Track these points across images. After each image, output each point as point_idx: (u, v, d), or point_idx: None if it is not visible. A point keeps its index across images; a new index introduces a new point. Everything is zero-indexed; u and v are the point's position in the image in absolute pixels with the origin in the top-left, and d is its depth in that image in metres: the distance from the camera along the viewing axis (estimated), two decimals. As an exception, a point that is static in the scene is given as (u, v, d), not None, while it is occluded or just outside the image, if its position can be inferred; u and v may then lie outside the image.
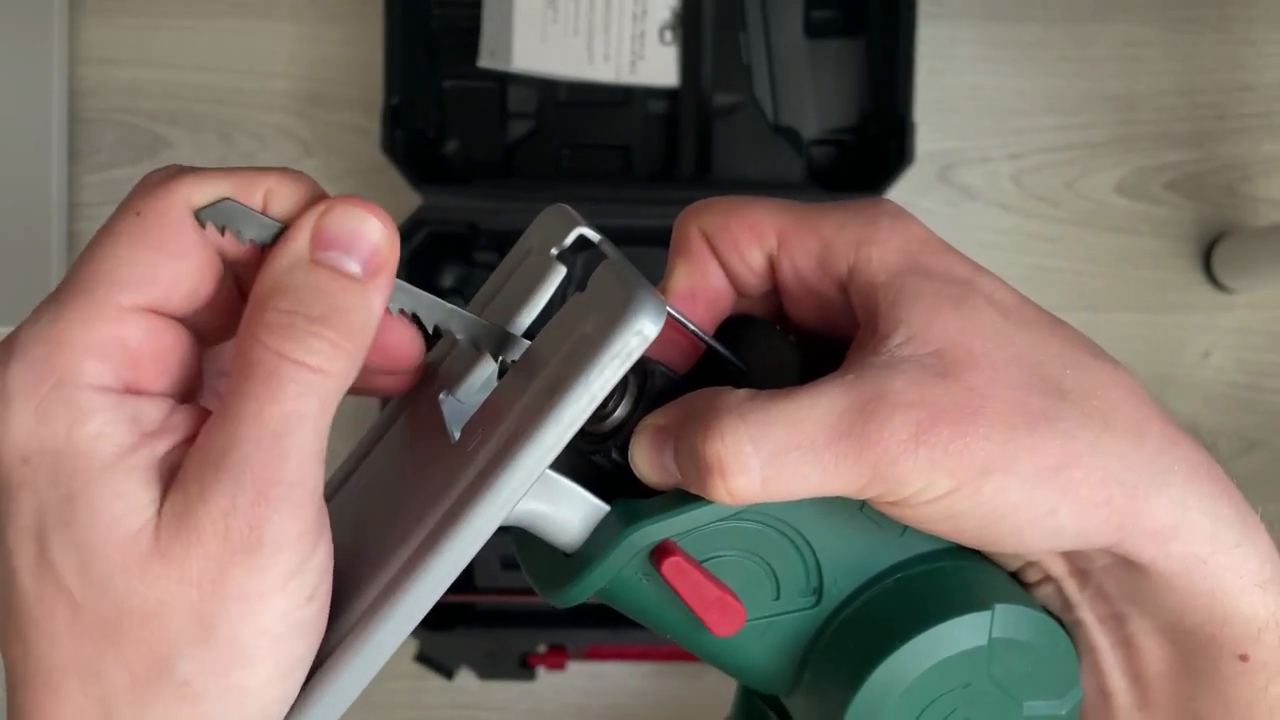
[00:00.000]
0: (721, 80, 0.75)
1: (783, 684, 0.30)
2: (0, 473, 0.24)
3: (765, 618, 0.28)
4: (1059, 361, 0.27)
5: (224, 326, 0.27)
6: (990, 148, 0.80)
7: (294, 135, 0.78)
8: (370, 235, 0.25)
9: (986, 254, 0.79)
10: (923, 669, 0.27)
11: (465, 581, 0.75)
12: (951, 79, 0.79)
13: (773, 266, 0.29)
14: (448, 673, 0.72)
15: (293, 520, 0.24)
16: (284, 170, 0.26)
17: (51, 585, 0.24)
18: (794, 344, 0.28)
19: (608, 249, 0.27)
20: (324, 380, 0.24)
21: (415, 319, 0.26)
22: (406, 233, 0.70)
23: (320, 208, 0.25)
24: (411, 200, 0.72)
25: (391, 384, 0.28)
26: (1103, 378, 0.27)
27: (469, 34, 0.75)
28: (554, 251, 0.28)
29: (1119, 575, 0.27)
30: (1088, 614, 0.29)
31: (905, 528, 0.28)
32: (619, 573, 0.27)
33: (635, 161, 0.76)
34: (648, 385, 0.27)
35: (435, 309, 0.26)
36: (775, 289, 0.29)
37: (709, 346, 0.28)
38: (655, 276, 0.29)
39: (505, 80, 0.76)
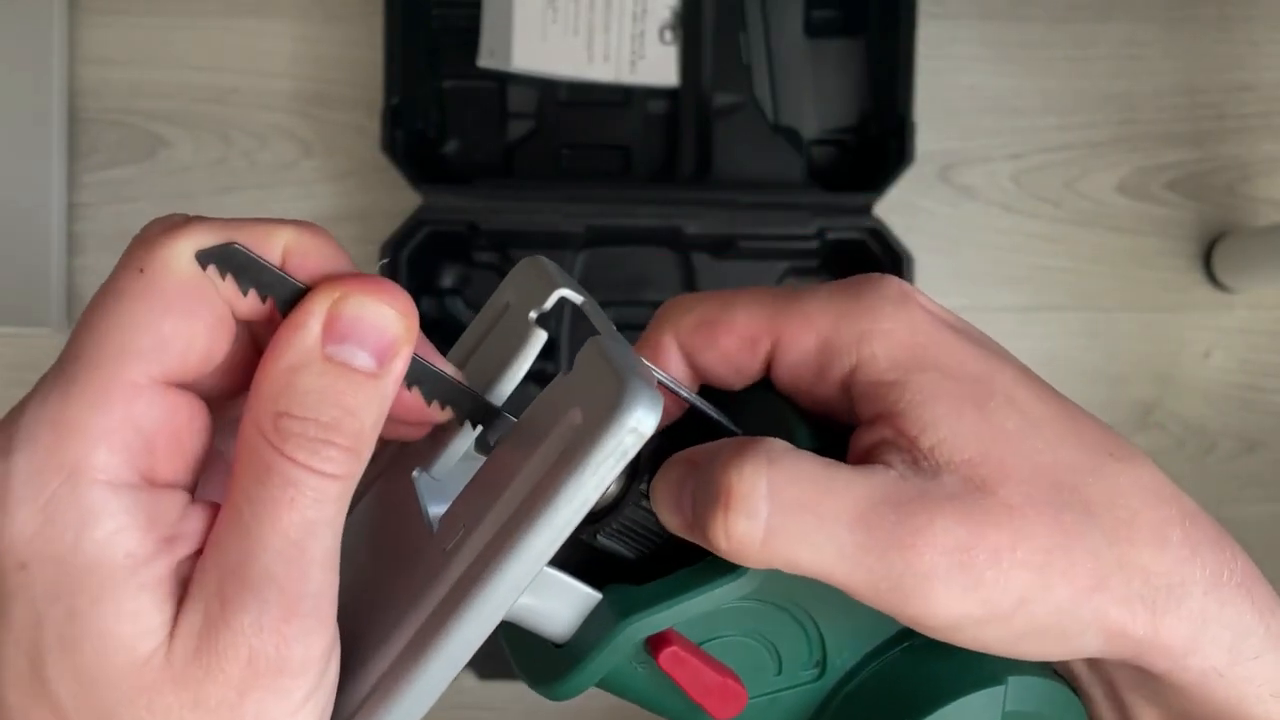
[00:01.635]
0: (721, 80, 0.75)
1: None
2: None
3: (768, 694, 0.27)
4: (1081, 469, 0.25)
5: (236, 387, 0.25)
6: (990, 147, 0.80)
7: (294, 135, 0.78)
8: (388, 328, 0.23)
9: (987, 254, 0.79)
10: None
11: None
12: (952, 79, 0.79)
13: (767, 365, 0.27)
14: (448, 673, 0.72)
15: (319, 637, 0.22)
16: (300, 224, 0.24)
17: (44, 709, 0.21)
18: (795, 408, 0.27)
19: (592, 312, 0.25)
20: (337, 484, 0.22)
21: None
22: (406, 233, 0.70)
23: (335, 292, 0.22)
24: (411, 200, 0.72)
25: (410, 433, 0.26)
26: (1124, 483, 0.25)
27: (469, 34, 0.75)
28: (533, 315, 0.25)
29: (1131, 674, 0.27)
30: (1096, 691, 0.28)
31: None
32: (616, 666, 0.25)
33: (635, 161, 0.76)
34: (640, 461, 0.26)
35: (414, 368, 0.24)
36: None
37: (707, 414, 0.27)
38: (655, 276, 0.29)
39: (505, 80, 0.76)
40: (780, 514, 0.23)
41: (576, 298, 0.25)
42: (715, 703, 0.25)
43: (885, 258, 0.72)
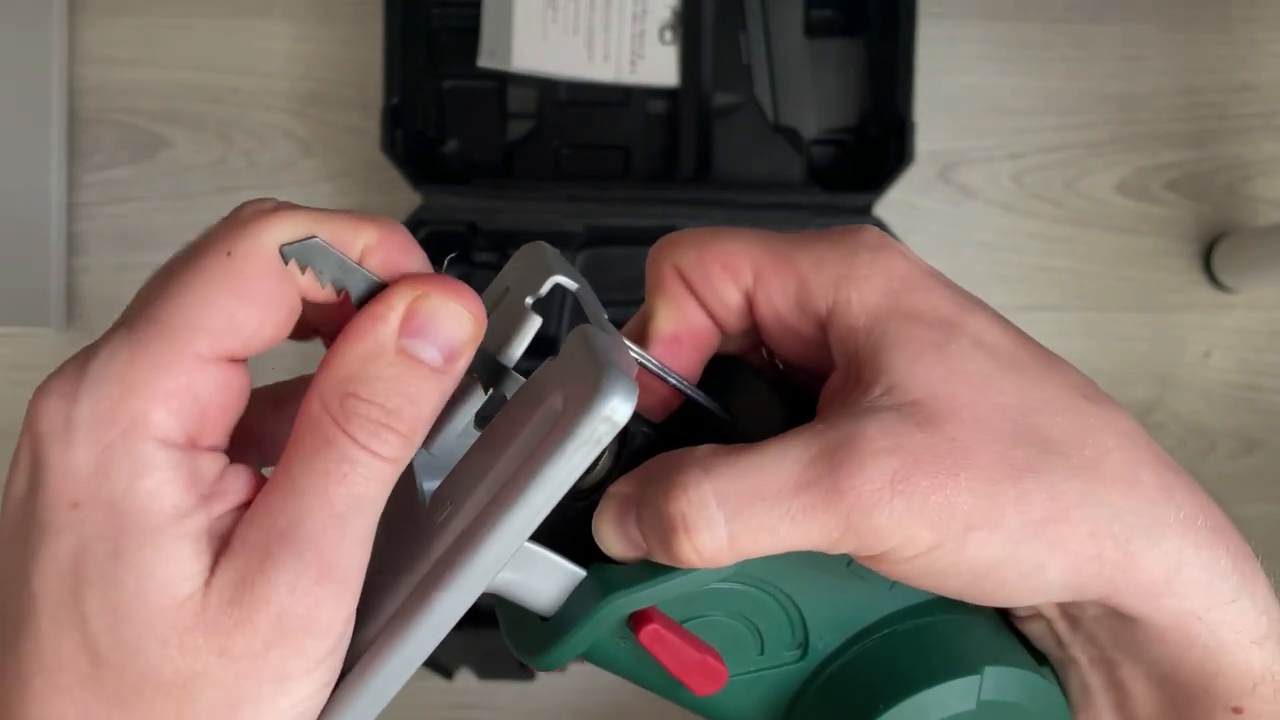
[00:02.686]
0: (721, 80, 0.75)
1: None
2: (44, 510, 0.23)
3: (750, 673, 0.28)
4: (1050, 408, 0.25)
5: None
6: (990, 147, 0.80)
7: (293, 135, 0.78)
8: (459, 329, 0.24)
9: (986, 254, 0.79)
10: None
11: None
12: (952, 79, 0.79)
13: (750, 304, 0.28)
14: (447, 672, 0.72)
15: (345, 604, 0.24)
16: (385, 223, 0.25)
17: (75, 637, 0.23)
18: (776, 390, 0.27)
19: (585, 299, 0.26)
20: (390, 467, 0.24)
21: None
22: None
23: (416, 290, 0.24)
24: (411, 200, 0.72)
25: None
26: (1095, 423, 0.26)
27: (469, 34, 0.75)
28: (529, 301, 0.26)
29: (1110, 624, 0.27)
30: (1080, 654, 0.28)
31: (894, 582, 0.26)
32: (599, 639, 0.26)
33: (635, 161, 0.76)
34: (627, 444, 0.26)
35: None
36: (755, 326, 0.28)
37: (694, 399, 0.27)
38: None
39: (505, 80, 0.76)
40: (735, 516, 0.24)
41: (571, 284, 0.26)
42: (695, 679, 0.26)
43: (885, 258, 0.72)
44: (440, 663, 0.71)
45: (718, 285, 0.28)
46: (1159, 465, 0.26)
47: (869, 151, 0.76)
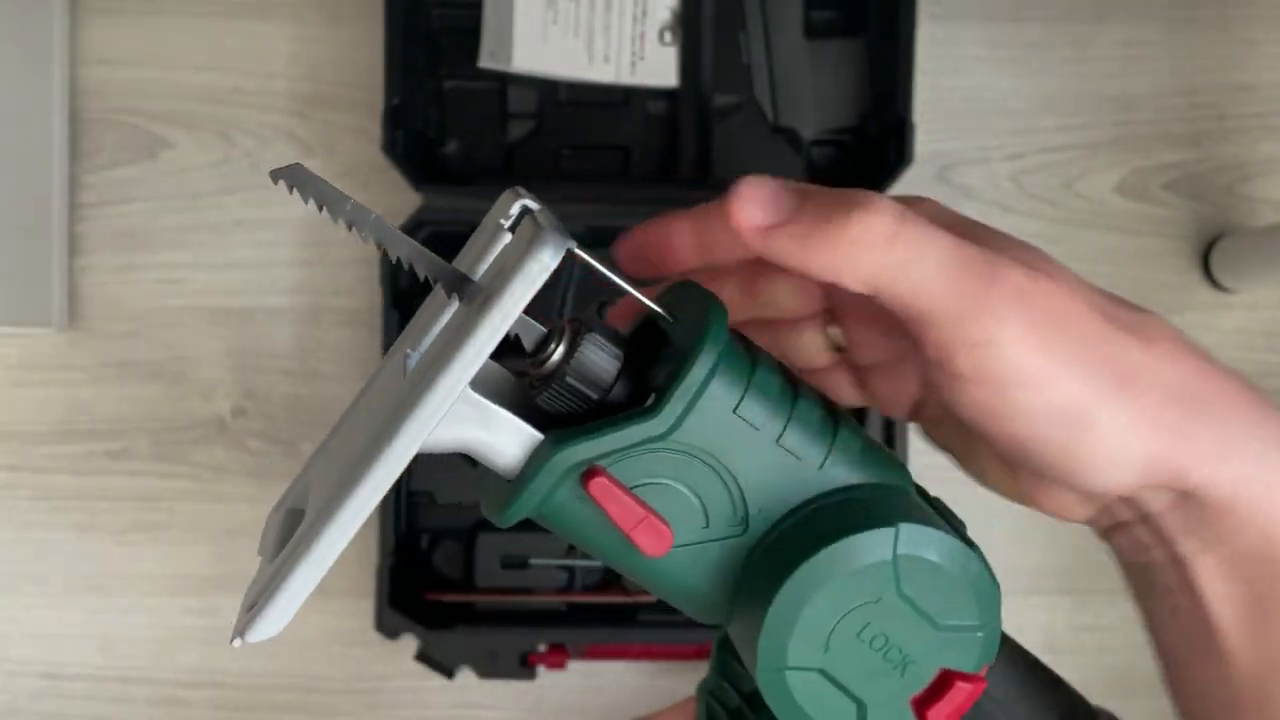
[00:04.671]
0: (721, 81, 0.75)
1: (720, 612, 0.32)
2: None
3: (696, 544, 0.31)
4: (1120, 307, 0.30)
5: None
6: (989, 148, 0.80)
7: (294, 136, 0.78)
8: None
9: (986, 254, 0.80)
10: (829, 583, 0.29)
11: (465, 581, 0.75)
12: (951, 80, 0.80)
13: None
14: (448, 672, 0.72)
15: None
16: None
17: None
18: (720, 302, 0.30)
19: (542, 214, 0.30)
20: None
21: (381, 249, 0.30)
22: (407, 233, 0.70)
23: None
24: (411, 200, 0.73)
25: None
26: (1150, 320, 0.30)
27: (469, 34, 0.76)
28: (502, 223, 0.31)
29: (1181, 511, 0.29)
30: (1159, 554, 0.30)
31: (825, 459, 0.30)
32: (554, 497, 0.29)
33: (635, 162, 0.76)
34: (582, 332, 0.30)
35: (402, 245, 0.30)
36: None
37: (630, 292, 0.31)
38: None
39: (505, 81, 0.76)
40: (909, 225, 0.28)
41: (534, 205, 0.31)
42: (643, 537, 0.29)
43: (884, 258, 0.72)
44: (440, 662, 0.72)
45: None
46: (1202, 357, 0.30)
47: (868, 152, 0.76)
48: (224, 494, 0.78)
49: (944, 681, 0.30)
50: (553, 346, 0.30)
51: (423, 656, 0.71)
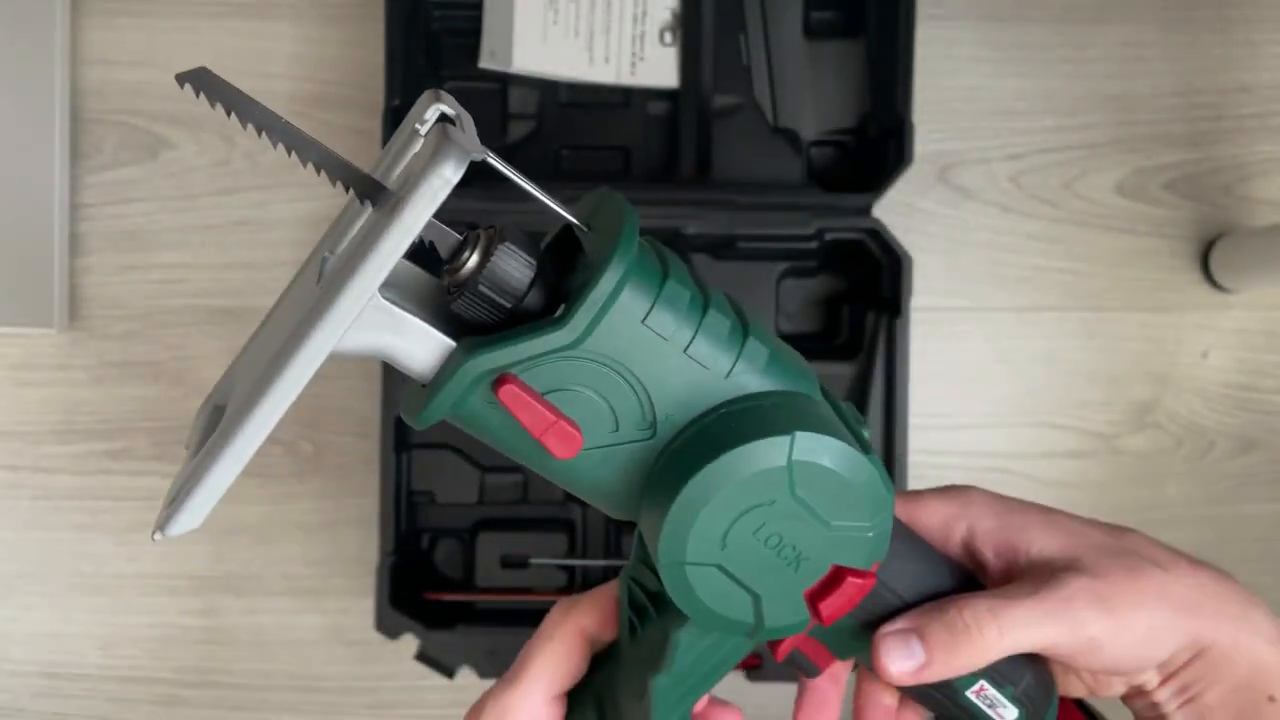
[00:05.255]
0: (721, 82, 0.75)
1: (630, 508, 0.33)
2: None
3: (606, 446, 0.32)
4: (1109, 535, 0.39)
5: None
6: (989, 148, 0.80)
7: (295, 136, 0.78)
8: None
9: (985, 254, 0.80)
10: (727, 485, 0.31)
11: (465, 581, 0.75)
12: (950, 80, 0.80)
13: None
14: (448, 671, 0.72)
15: None
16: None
17: None
18: (634, 211, 0.32)
19: (463, 123, 0.31)
20: None
21: (291, 154, 0.30)
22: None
23: None
24: (412, 201, 0.73)
25: None
26: (1134, 538, 0.39)
27: (470, 35, 0.76)
28: (418, 127, 0.31)
29: (1195, 662, 0.38)
30: (1173, 705, 0.39)
31: (732, 368, 0.32)
32: (467, 402, 0.30)
33: (635, 162, 0.77)
34: (496, 240, 0.30)
35: (311, 149, 0.30)
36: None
37: (540, 199, 0.32)
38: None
39: (506, 81, 0.76)
40: (1005, 624, 0.37)
41: (451, 111, 0.31)
42: (552, 441, 0.30)
43: (884, 258, 0.72)
44: (441, 662, 0.72)
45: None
46: (1176, 551, 0.39)
47: (868, 152, 0.76)
48: (224, 494, 0.78)
49: (836, 577, 0.33)
50: (466, 254, 0.30)
51: (423, 656, 0.71)
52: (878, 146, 0.74)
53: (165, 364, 0.78)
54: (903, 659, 0.36)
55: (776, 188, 0.75)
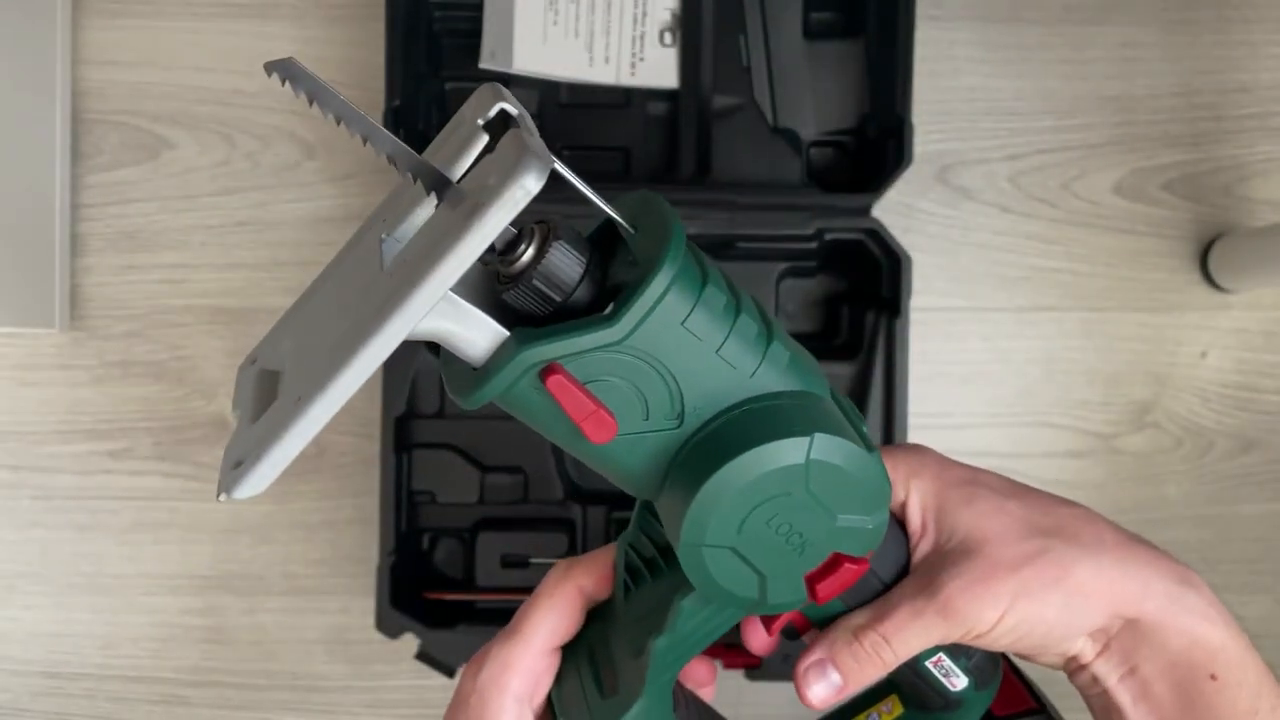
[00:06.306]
0: (721, 82, 0.75)
1: (653, 490, 0.36)
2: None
3: (637, 433, 0.34)
4: (1039, 513, 0.40)
5: None
6: (988, 149, 0.80)
7: (296, 137, 0.79)
8: None
9: (985, 254, 0.80)
10: (749, 479, 0.34)
11: (466, 580, 0.76)
12: (950, 80, 0.80)
13: None
14: (449, 671, 0.72)
15: None
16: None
17: None
18: (679, 219, 0.33)
19: (523, 121, 0.32)
20: None
21: (366, 143, 0.31)
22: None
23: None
24: (413, 201, 0.73)
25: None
26: (1068, 516, 0.40)
27: (470, 36, 0.76)
28: (480, 122, 0.33)
29: (1129, 632, 0.39)
30: (1113, 679, 0.40)
31: (757, 369, 0.34)
32: (516, 386, 0.32)
33: (635, 163, 0.77)
34: (550, 237, 0.32)
35: (385, 141, 0.31)
36: None
37: (597, 204, 0.34)
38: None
39: (506, 82, 0.76)
40: (893, 638, 0.40)
41: (514, 110, 0.32)
42: (590, 427, 0.33)
43: (884, 258, 0.72)
44: (441, 661, 0.72)
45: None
46: (1114, 528, 0.41)
47: (867, 153, 0.76)
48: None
49: (834, 562, 0.36)
50: (522, 248, 0.32)
51: (423, 655, 0.72)
52: (877, 147, 0.74)
53: (166, 364, 0.79)
54: (823, 687, 0.40)
55: (776, 188, 0.75)
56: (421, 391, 0.75)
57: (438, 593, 0.74)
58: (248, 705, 0.80)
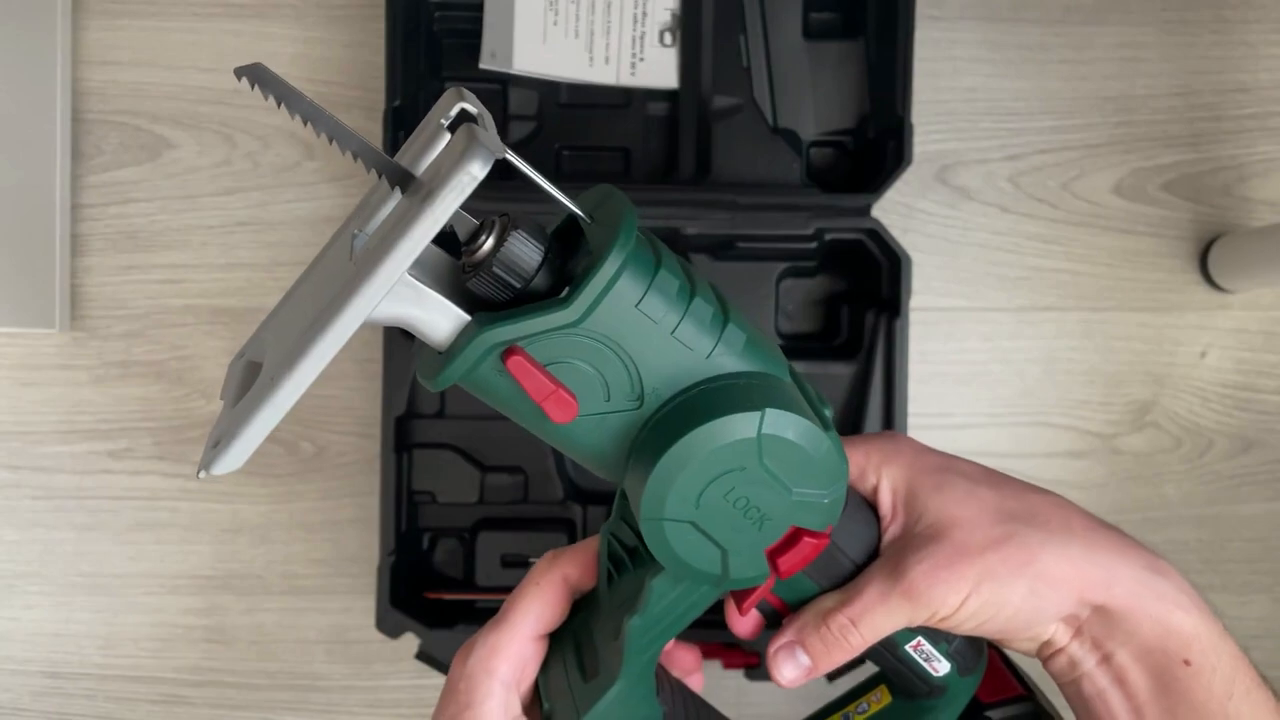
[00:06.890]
0: (721, 82, 0.75)
1: (618, 469, 0.37)
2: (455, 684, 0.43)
3: (598, 414, 0.36)
4: (1010, 499, 0.41)
5: None
6: (988, 149, 0.80)
7: (296, 137, 0.79)
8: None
9: (984, 254, 0.80)
10: (703, 452, 0.35)
11: (466, 580, 0.76)
12: (949, 81, 0.80)
13: None
14: (449, 671, 0.72)
15: None
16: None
17: None
18: (633, 207, 0.35)
19: (481, 119, 0.34)
20: None
21: (332, 142, 0.33)
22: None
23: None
24: (413, 201, 0.73)
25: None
26: (1039, 503, 0.41)
27: (470, 36, 0.76)
28: (442, 122, 0.35)
29: (1099, 619, 0.39)
30: (1089, 663, 0.40)
31: (713, 350, 0.35)
32: (480, 369, 0.34)
33: (635, 163, 0.77)
34: (509, 227, 0.34)
35: (350, 140, 0.33)
36: None
37: (549, 191, 0.35)
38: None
39: (506, 82, 0.76)
40: (861, 622, 0.41)
41: (473, 109, 0.35)
42: (552, 407, 0.34)
43: (883, 259, 0.72)
44: (441, 661, 0.72)
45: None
46: (1083, 517, 0.41)
47: (867, 153, 0.76)
48: (225, 493, 0.79)
49: (794, 537, 0.37)
50: (483, 238, 0.34)
51: (423, 655, 0.72)
52: (877, 147, 0.75)
53: (166, 364, 0.79)
54: (792, 668, 0.41)
55: (776, 188, 0.75)
56: (422, 391, 0.75)
57: (438, 592, 0.74)
58: (248, 705, 0.80)
